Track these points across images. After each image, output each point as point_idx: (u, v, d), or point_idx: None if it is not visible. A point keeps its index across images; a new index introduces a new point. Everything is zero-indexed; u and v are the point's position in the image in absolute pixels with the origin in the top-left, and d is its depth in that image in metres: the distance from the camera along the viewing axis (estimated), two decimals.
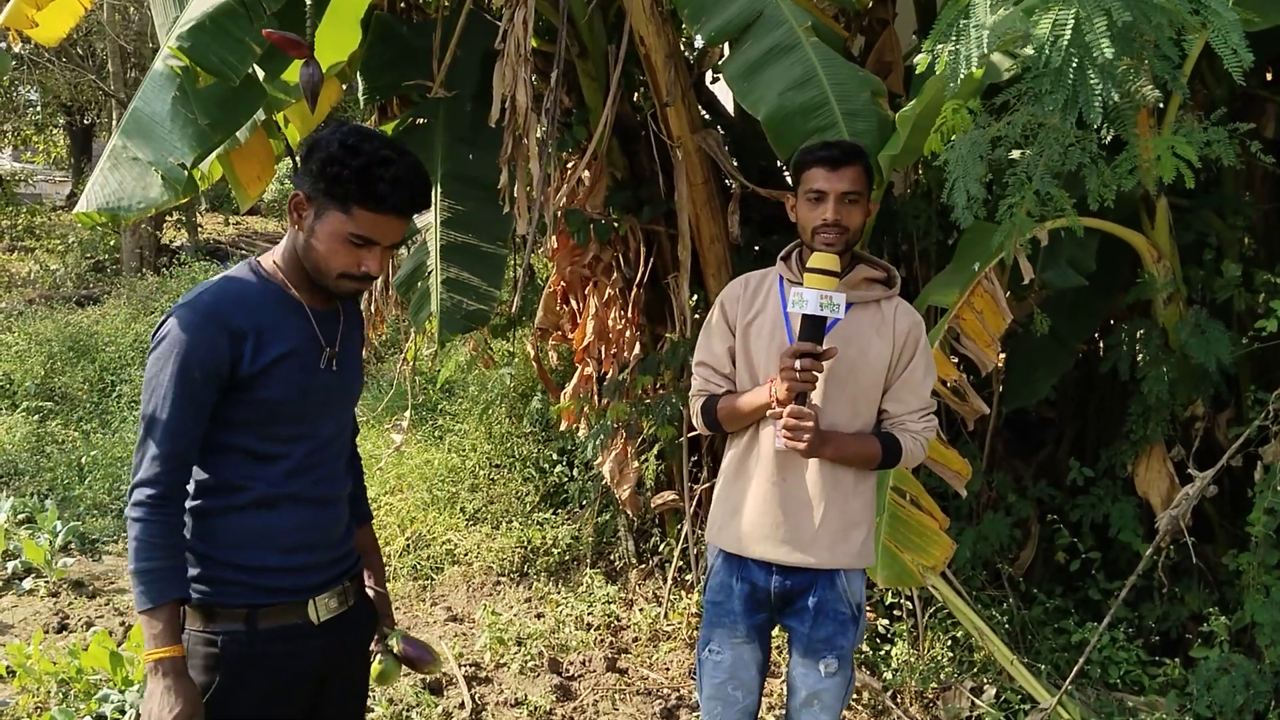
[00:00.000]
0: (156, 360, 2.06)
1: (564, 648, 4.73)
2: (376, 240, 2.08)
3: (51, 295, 12.61)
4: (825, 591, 2.71)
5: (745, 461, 2.75)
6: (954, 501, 4.40)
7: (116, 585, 5.60)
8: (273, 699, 2.17)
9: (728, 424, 2.77)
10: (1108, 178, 3.19)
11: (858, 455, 2.67)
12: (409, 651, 2.49)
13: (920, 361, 2.72)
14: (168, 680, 2.03)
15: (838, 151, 2.63)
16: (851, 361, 2.66)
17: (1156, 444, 4.11)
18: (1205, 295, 4.26)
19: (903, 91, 4.59)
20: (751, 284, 2.82)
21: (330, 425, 2.24)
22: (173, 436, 2.05)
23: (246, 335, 2.07)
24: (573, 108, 4.99)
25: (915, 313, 2.77)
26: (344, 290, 2.16)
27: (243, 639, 2.13)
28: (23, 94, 18.17)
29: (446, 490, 6.45)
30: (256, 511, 2.14)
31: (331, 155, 2.03)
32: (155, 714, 2.02)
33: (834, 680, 2.73)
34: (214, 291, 2.12)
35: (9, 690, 4.32)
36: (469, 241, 4.39)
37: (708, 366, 2.83)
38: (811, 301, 2.48)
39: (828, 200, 2.60)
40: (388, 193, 2.03)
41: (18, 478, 7.19)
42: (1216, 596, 4.26)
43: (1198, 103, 4.05)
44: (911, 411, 2.72)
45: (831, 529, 2.68)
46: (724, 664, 2.79)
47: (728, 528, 2.76)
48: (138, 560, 2.05)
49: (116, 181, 4.05)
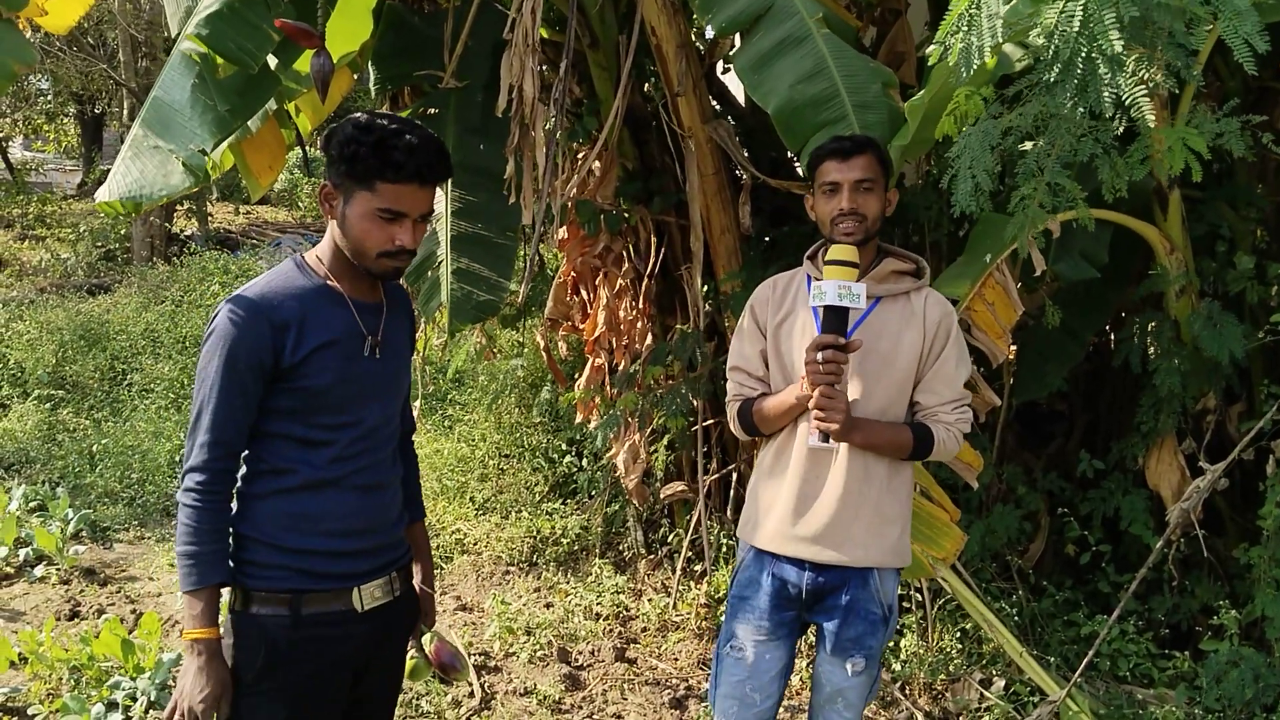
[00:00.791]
0: (206, 353, 2.14)
1: (573, 637, 4.74)
2: (404, 212, 2.13)
3: (62, 284, 12.65)
4: (858, 591, 2.68)
5: (779, 459, 2.75)
6: (964, 494, 4.40)
7: (128, 573, 5.62)
8: (314, 683, 2.21)
9: (764, 426, 2.76)
10: (1120, 168, 3.17)
11: (889, 443, 2.66)
12: (441, 654, 2.51)
13: (952, 352, 2.70)
14: (201, 660, 2.11)
15: (848, 143, 2.65)
16: (884, 355, 2.66)
17: (1168, 437, 4.10)
18: (1218, 288, 4.24)
19: (915, 82, 4.57)
20: (780, 285, 2.82)
21: (375, 413, 2.27)
22: (220, 425, 2.12)
23: (289, 326, 2.13)
24: (584, 98, 4.99)
25: (946, 302, 2.75)
26: (386, 270, 2.20)
27: (287, 623, 2.18)
28: (33, 83, 18.22)
29: (456, 480, 6.47)
30: (303, 496, 2.19)
31: (348, 137, 2.10)
32: (187, 691, 2.11)
33: (860, 679, 2.72)
34: (258, 286, 2.19)
35: (21, 677, 4.34)
36: (479, 232, 4.39)
37: (741, 371, 2.83)
38: (830, 292, 2.48)
39: (842, 190, 2.62)
40: (404, 160, 2.08)
41: (29, 465, 7.23)
42: (1227, 590, 4.25)
43: (1210, 94, 4.03)
44: (945, 403, 2.70)
45: (866, 526, 2.66)
46: (745, 662, 2.76)
47: (761, 525, 2.75)
48: (184, 543, 2.12)
49: (138, 170, 4.07)
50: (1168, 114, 3.53)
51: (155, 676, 4.16)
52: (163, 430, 7.61)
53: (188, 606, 2.12)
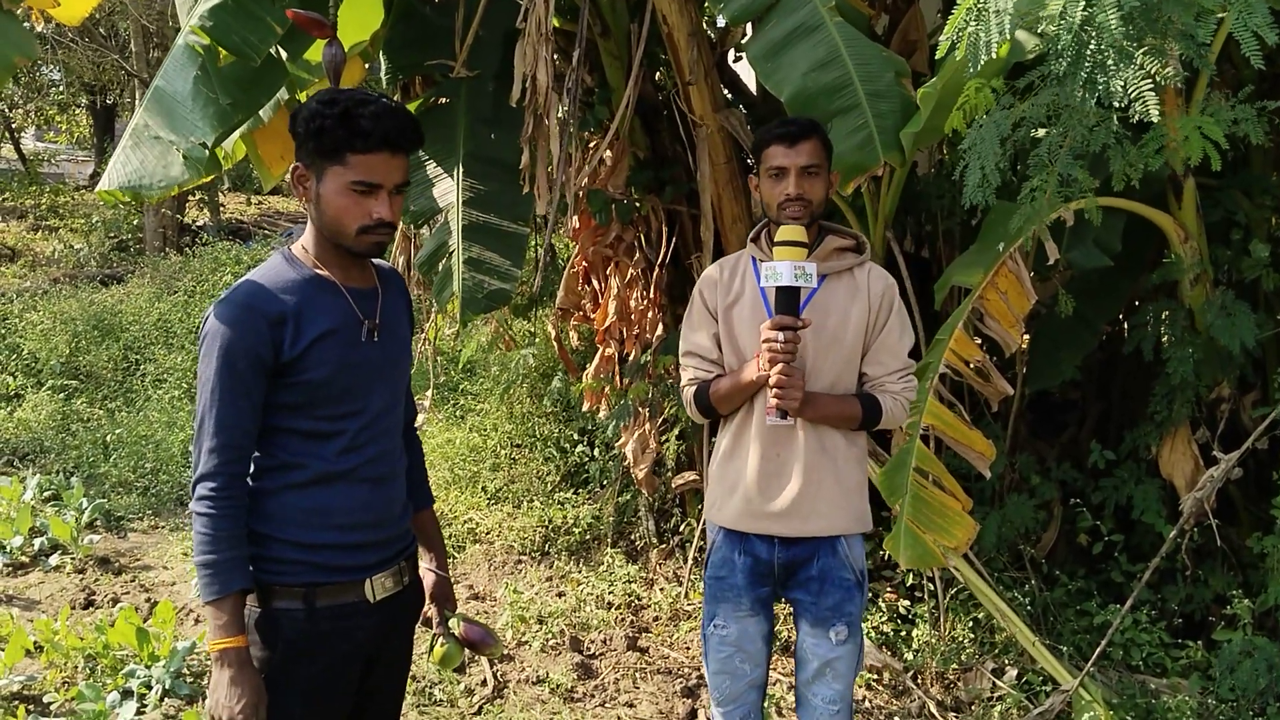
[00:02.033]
0: (203, 358, 2.11)
1: (585, 626, 4.75)
2: (378, 182, 2.09)
3: (75, 274, 12.69)
4: (828, 559, 2.74)
5: (739, 440, 2.79)
6: (977, 483, 4.39)
7: (142, 562, 5.65)
8: (328, 675, 2.21)
9: (722, 406, 2.81)
10: (1134, 157, 3.16)
11: (839, 415, 2.71)
12: (470, 635, 2.51)
13: (895, 322, 2.77)
14: (231, 671, 2.08)
15: (794, 128, 2.70)
16: (833, 331, 2.72)
17: (1181, 426, 4.08)
18: (1232, 276, 4.22)
19: (927, 71, 4.56)
20: (726, 268, 2.87)
21: (380, 399, 2.26)
22: (227, 429, 2.09)
23: (285, 320, 2.10)
24: (595, 87, 4.97)
25: (888, 275, 2.82)
26: (367, 246, 2.16)
27: (301, 617, 2.17)
28: (45, 74, 18.26)
29: (468, 469, 6.49)
30: (314, 490, 2.18)
31: (312, 112, 2.07)
32: (223, 704, 2.07)
33: (845, 648, 2.75)
34: (248, 284, 2.16)
35: (36, 665, 4.37)
36: (491, 221, 4.39)
37: (695, 355, 2.86)
38: (785, 273, 2.52)
39: (789, 175, 2.67)
40: (371, 127, 2.05)
41: (44, 455, 7.27)
42: (1240, 579, 4.23)
43: (1225, 81, 4.01)
44: (891, 373, 2.76)
45: (829, 496, 2.72)
46: (730, 638, 2.82)
47: (726, 505, 2.80)
48: (202, 553, 2.09)
49: (138, 160, 4.07)
50: (1182, 102, 3.52)
51: (170, 665, 4.18)
52: (176, 420, 7.63)
53: (212, 617, 2.08)
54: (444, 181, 4.44)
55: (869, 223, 4.22)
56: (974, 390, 3.87)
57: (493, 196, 4.43)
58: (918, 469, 3.55)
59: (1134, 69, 2.68)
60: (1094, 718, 3.61)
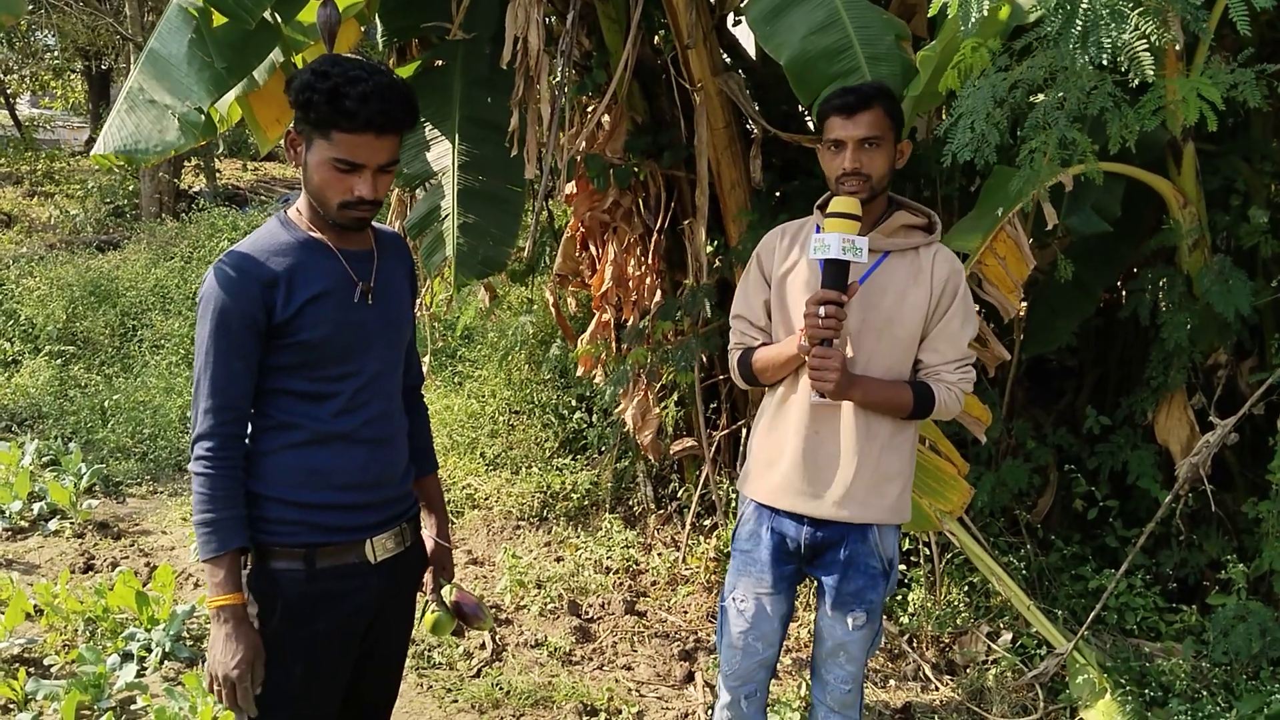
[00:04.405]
0: (200, 321, 2.13)
1: (583, 591, 4.78)
2: (360, 162, 2.07)
3: (72, 240, 12.65)
4: (857, 545, 2.67)
5: (780, 413, 2.72)
6: (973, 448, 4.40)
7: (141, 527, 5.67)
8: (330, 636, 2.23)
9: (763, 376, 2.73)
10: (1130, 119, 3.14)
11: (887, 402, 2.61)
12: (463, 607, 2.52)
13: (958, 310, 2.65)
14: (228, 627, 2.11)
15: (853, 98, 2.56)
16: (889, 311, 2.60)
17: (1177, 391, 4.09)
18: (1231, 242, 4.21)
19: (927, 34, 4.53)
20: (789, 234, 2.77)
21: (376, 362, 2.26)
22: (222, 390, 2.11)
23: (278, 282, 2.11)
24: (593, 50, 4.94)
25: (955, 259, 2.69)
26: (349, 220, 2.16)
27: (302, 577, 2.19)
28: (40, 39, 18.13)
29: (466, 435, 6.50)
30: (311, 450, 2.19)
31: (304, 83, 2.05)
32: (219, 659, 2.11)
33: (861, 633, 2.72)
34: (244, 247, 2.17)
35: (37, 629, 4.39)
36: (486, 186, 4.36)
37: (744, 319, 2.79)
38: (834, 245, 2.42)
39: (846, 149, 2.55)
40: (357, 109, 2.01)
41: (42, 421, 7.27)
42: (1235, 544, 4.26)
43: (1225, 45, 3.98)
44: (948, 362, 2.65)
45: (865, 483, 2.63)
46: (747, 613, 2.77)
47: (761, 479, 2.74)
48: (200, 512, 2.11)
49: (134, 124, 4.04)
50: (1183, 66, 3.50)
51: (170, 628, 4.21)
52: (173, 386, 7.64)
53: (209, 575, 2.11)
54: (439, 145, 4.41)
55: None
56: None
57: (488, 160, 4.39)
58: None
59: (1128, 29, 2.66)
60: (1088, 680, 3.65)
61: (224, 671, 2.10)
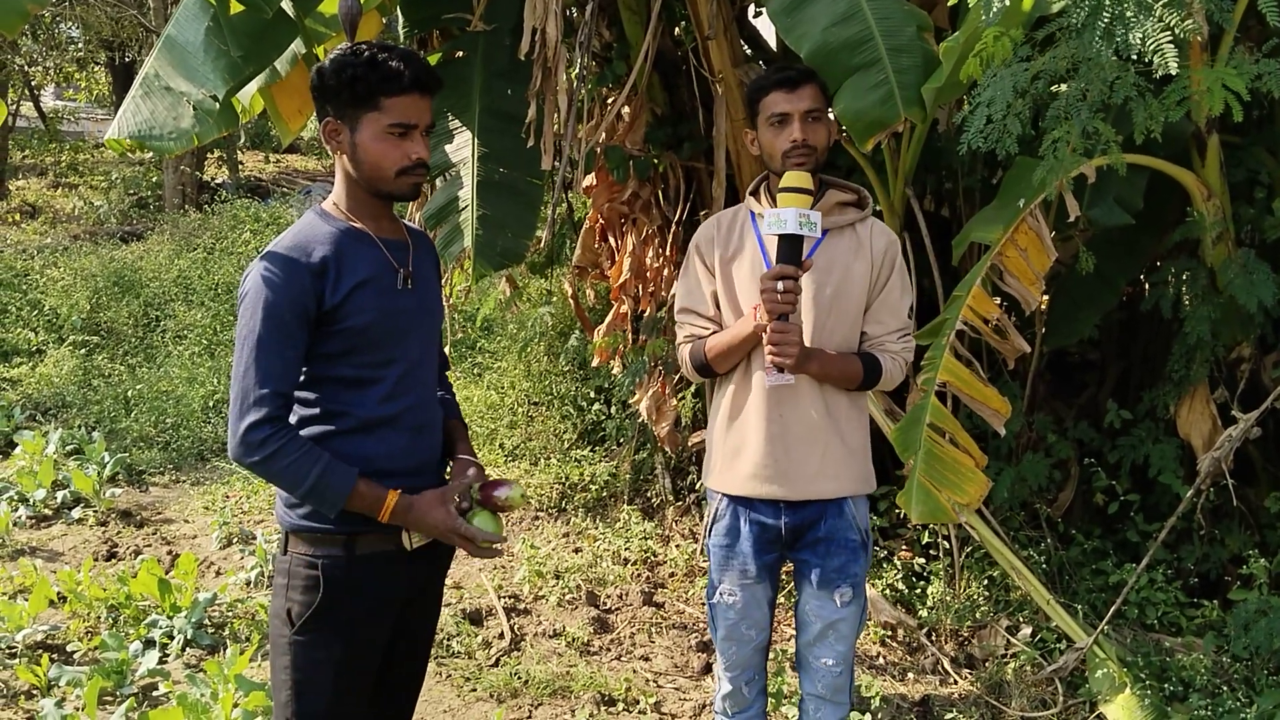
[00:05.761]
0: (247, 311, 2.15)
1: (601, 581, 4.79)
2: (413, 122, 2.17)
3: (96, 231, 12.75)
4: (835, 520, 2.72)
5: (739, 403, 2.74)
6: (994, 441, 4.38)
7: (163, 515, 5.71)
8: (366, 620, 2.28)
9: (719, 364, 2.75)
10: (1155, 110, 3.11)
11: (841, 372, 2.66)
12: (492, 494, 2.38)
13: (897, 281, 2.73)
14: (412, 513, 2.21)
15: (794, 73, 2.64)
16: (835, 287, 2.66)
17: (1199, 385, 4.06)
18: (1255, 235, 4.17)
19: (948, 25, 4.50)
20: (724, 223, 2.81)
21: (416, 347, 2.32)
22: (276, 377, 2.13)
23: (326, 270, 2.16)
24: (613, 42, 4.93)
25: (890, 232, 2.77)
26: (406, 189, 2.23)
27: (342, 563, 2.23)
28: (64, 31, 18.20)
29: (486, 426, 6.52)
30: (358, 438, 2.23)
31: (341, 64, 2.14)
32: (436, 530, 2.24)
33: (849, 609, 2.74)
34: (288, 239, 2.21)
35: (60, 615, 4.43)
36: (505, 178, 4.36)
37: (691, 312, 2.81)
38: (790, 220, 2.45)
39: (792, 121, 2.60)
40: (401, 69, 2.13)
41: (66, 410, 7.34)
42: (1257, 539, 4.23)
43: (1251, 35, 3.94)
44: (890, 332, 2.72)
45: (835, 458, 2.69)
46: (737, 605, 2.80)
47: (729, 471, 2.75)
48: (298, 485, 2.14)
49: (149, 110, 4.06)
50: (1207, 57, 3.46)
51: (192, 615, 4.24)
52: (196, 376, 7.69)
53: (360, 511, 2.16)
54: (459, 136, 4.42)
55: (889, 180, 4.18)
56: (991, 348, 3.85)
57: (507, 152, 4.40)
58: (932, 425, 3.55)
59: (1153, 21, 2.64)
60: (1108, 675, 3.63)
61: (446, 529, 2.22)
